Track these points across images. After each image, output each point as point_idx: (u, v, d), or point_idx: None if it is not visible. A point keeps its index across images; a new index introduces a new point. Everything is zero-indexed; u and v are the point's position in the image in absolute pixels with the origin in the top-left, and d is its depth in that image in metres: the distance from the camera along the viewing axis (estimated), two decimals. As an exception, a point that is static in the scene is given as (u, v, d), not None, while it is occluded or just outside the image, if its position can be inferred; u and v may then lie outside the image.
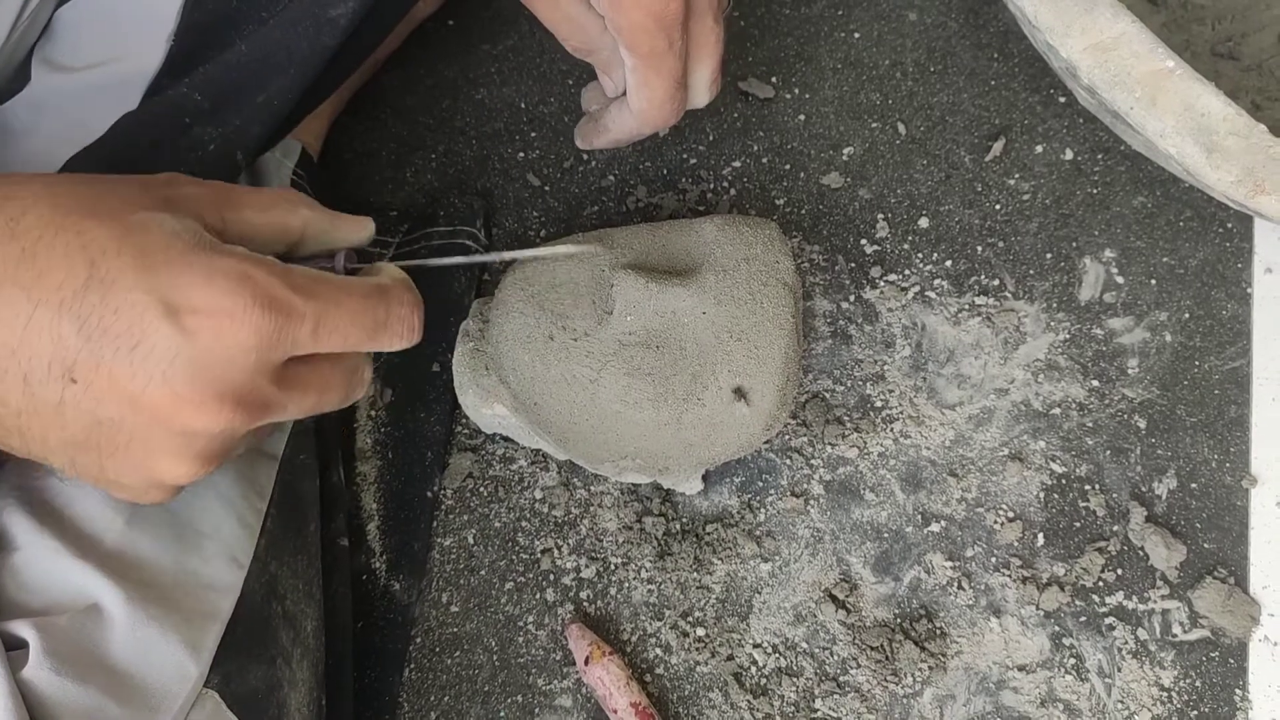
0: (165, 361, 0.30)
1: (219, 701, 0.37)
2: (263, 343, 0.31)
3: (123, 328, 0.30)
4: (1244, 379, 0.53)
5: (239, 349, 0.31)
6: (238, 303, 0.31)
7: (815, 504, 0.52)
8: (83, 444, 0.32)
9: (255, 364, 0.31)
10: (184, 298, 0.30)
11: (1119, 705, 0.48)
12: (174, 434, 0.31)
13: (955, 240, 0.57)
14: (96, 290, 0.30)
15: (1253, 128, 0.41)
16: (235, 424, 0.32)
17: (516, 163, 0.60)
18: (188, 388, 0.31)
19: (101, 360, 0.30)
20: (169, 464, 0.32)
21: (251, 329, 0.31)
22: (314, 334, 0.33)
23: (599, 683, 0.48)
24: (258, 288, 0.31)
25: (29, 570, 0.37)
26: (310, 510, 0.47)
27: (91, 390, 0.30)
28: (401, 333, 0.36)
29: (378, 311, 0.35)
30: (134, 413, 0.31)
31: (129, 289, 0.30)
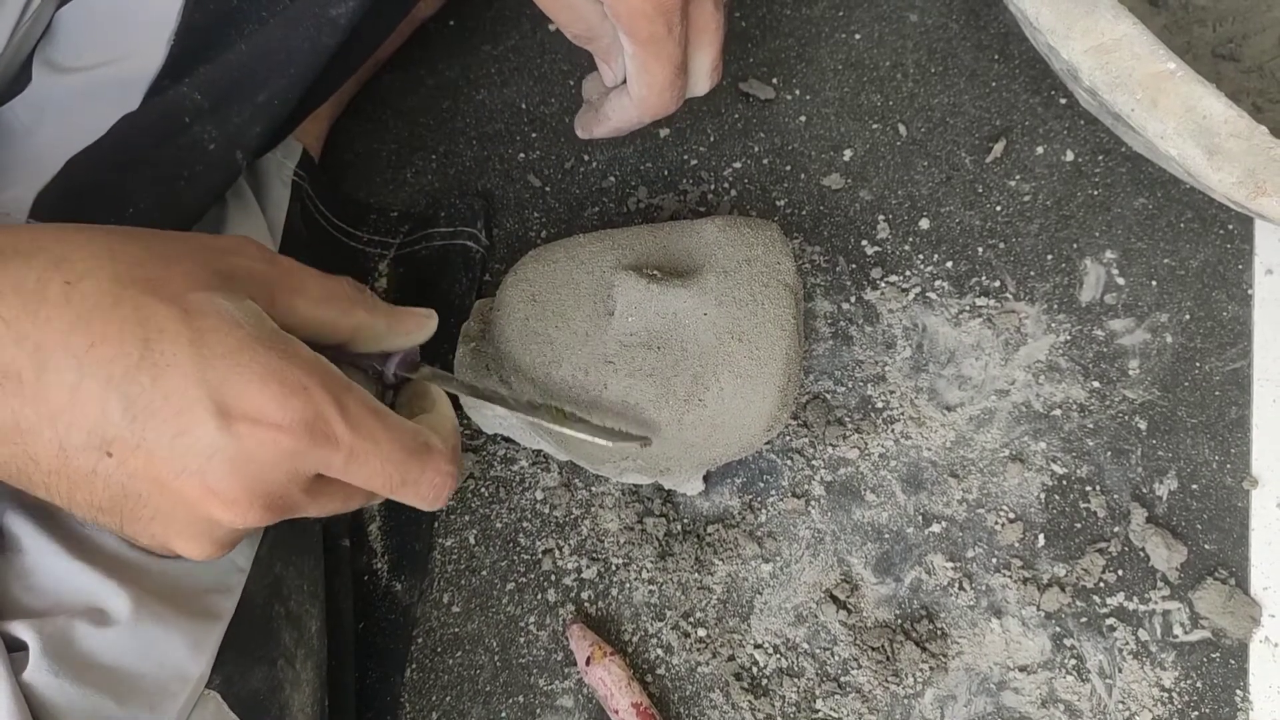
0: (205, 456, 0.30)
1: (220, 702, 0.37)
2: (299, 460, 0.31)
3: (169, 414, 0.30)
4: (1245, 380, 0.54)
5: (279, 458, 0.31)
6: (287, 418, 0.31)
7: (816, 505, 0.52)
8: (106, 510, 0.32)
9: (288, 474, 0.32)
10: (236, 400, 0.30)
11: (1120, 706, 0.48)
12: (198, 521, 0.32)
13: (956, 241, 0.57)
14: (148, 372, 0.30)
15: (1254, 129, 0.41)
16: (258, 522, 0.32)
17: (517, 163, 0.60)
18: (222, 484, 0.31)
19: (142, 442, 0.30)
20: (185, 544, 0.33)
21: (292, 445, 0.31)
22: (345, 465, 0.33)
23: (600, 683, 0.48)
24: (310, 407, 0.31)
25: (32, 571, 0.37)
26: None
27: (126, 467, 0.30)
28: (427, 496, 0.35)
29: (411, 469, 0.34)
30: (163, 494, 0.31)
31: (182, 378, 0.30)
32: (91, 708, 0.34)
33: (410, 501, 0.36)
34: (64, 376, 0.29)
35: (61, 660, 0.34)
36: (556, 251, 0.49)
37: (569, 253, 0.48)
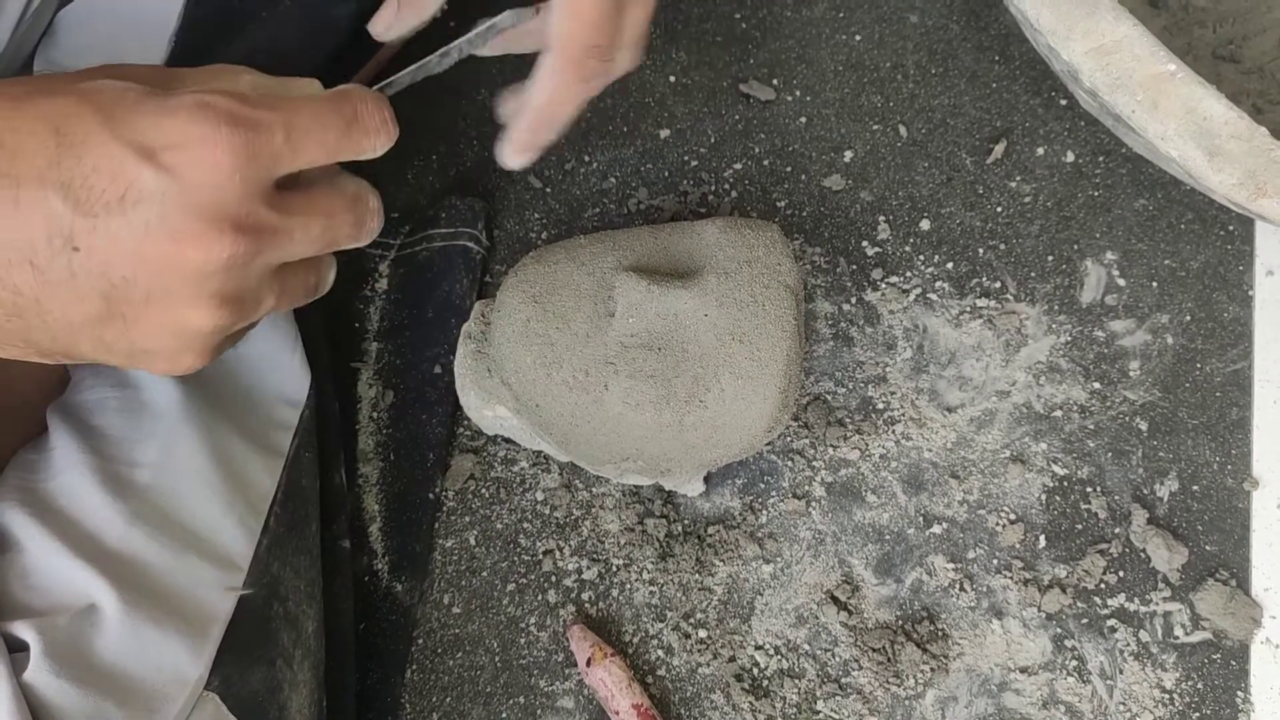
0: (155, 203, 0.30)
1: (219, 704, 0.37)
2: (240, 160, 0.31)
3: (105, 182, 0.30)
4: (1245, 381, 0.54)
5: (220, 172, 0.31)
6: (204, 128, 0.30)
7: (817, 506, 0.52)
8: (105, 317, 0.31)
9: (241, 184, 0.31)
10: (153, 138, 0.30)
11: (1121, 707, 0.48)
12: (186, 278, 0.31)
13: (957, 242, 0.57)
14: (71, 155, 0.30)
15: (1254, 131, 0.41)
16: (240, 250, 0.31)
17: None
18: (183, 223, 0.30)
19: (96, 220, 0.30)
20: (191, 312, 0.32)
21: (225, 148, 0.31)
22: (288, 141, 0.32)
23: (601, 684, 0.47)
24: (218, 110, 0.31)
25: (32, 570, 0.37)
26: (312, 509, 0.47)
27: (96, 253, 0.30)
28: (375, 127, 0.35)
29: (344, 109, 0.34)
30: (141, 265, 0.31)
31: (101, 143, 0.30)
32: (92, 709, 0.34)
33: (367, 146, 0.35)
34: (2, 196, 0.29)
35: (62, 661, 0.34)
36: (557, 252, 0.49)
37: (570, 254, 0.48)
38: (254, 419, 0.45)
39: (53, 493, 0.39)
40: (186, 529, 0.40)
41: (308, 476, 0.47)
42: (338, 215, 0.35)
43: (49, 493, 0.39)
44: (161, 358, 0.33)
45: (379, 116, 0.35)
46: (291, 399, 0.47)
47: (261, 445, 0.45)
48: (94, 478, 0.39)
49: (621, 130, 0.60)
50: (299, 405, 0.47)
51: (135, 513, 0.39)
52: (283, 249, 0.33)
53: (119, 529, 0.38)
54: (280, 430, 0.46)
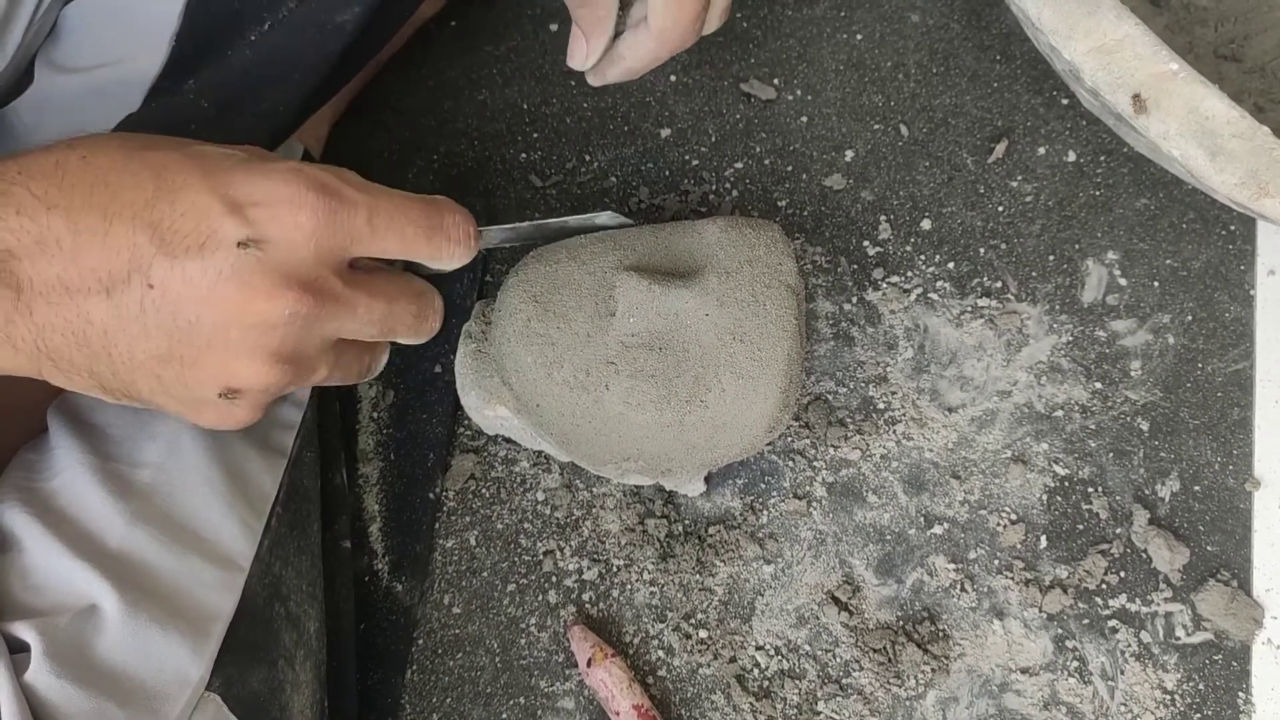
0: (231, 254, 0.32)
1: (220, 704, 0.37)
2: (319, 226, 0.33)
3: (190, 227, 0.32)
4: (1247, 381, 0.53)
5: (299, 233, 0.33)
6: (293, 190, 0.33)
7: (818, 506, 0.52)
8: (166, 355, 0.33)
9: (316, 250, 0.33)
10: (244, 193, 0.32)
11: (1122, 708, 0.48)
12: (246, 329, 0.33)
13: (958, 242, 0.57)
14: (166, 199, 0.32)
15: (1256, 130, 0.41)
16: (302, 310, 0.33)
17: (519, 164, 0.60)
18: (256, 276, 0.32)
19: (175, 261, 0.32)
20: (246, 364, 0.34)
21: (309, 211, 0.33)
22: (370, 224, 0.34)
23: (601, 685, 0.47)
24: (309, 177, 0.33)
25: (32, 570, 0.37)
26: (314, 509, 0.47)
27: (169, 293, 0.32)
28: (459, 238, 0.38)
29: (431, 214, 0.37)
30: (208, 309, 0.32)
31: (194, 192, 0.32)
32: (92, 710, 0.34)
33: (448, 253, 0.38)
34: (94, 227, 0.31)
35: (63, 662, 0.34)
36: (558, 252, 0.49)
37: (570, 253, 0.48)
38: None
39: (54, 492, 0.40)
40: (188, 529, 0.40)
41: (309, 476, 0.47)
42: (400, 302, 0.38)
43: (50, 492, 0.39)
44: (212, 408, 0.35)
45: (464, 230, 0.38)
46: (294, 397, 0.47)
47: (263, 445, 0.45)
48: (95, 477, 0.39)
49: (622, 129, 0.60)
50: (302, 404, 0.47)
51: (136, 513, 0.39)
52: (343, 320, 0.35)
53: (120, 529, 0.38)
54: (283, 430, 0.46)
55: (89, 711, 0.34)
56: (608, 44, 0.43)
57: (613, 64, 0.45)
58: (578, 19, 0.43)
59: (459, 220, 0.38)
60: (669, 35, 0.42)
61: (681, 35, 0.42)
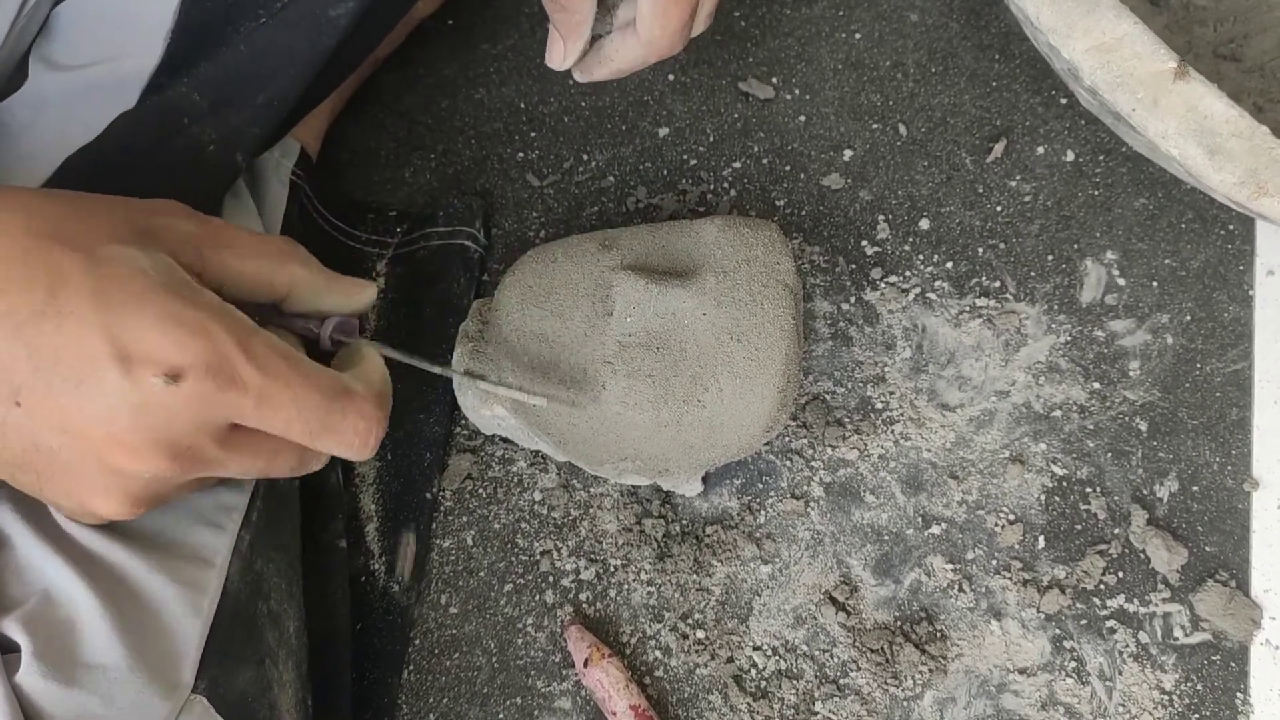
0: (108, 403, 0.31)
1: (207, 706, 0.37)
2: (205, 406, 0.31)
3: (72, 361, 0.30)
4: (1246, 381, 0.53)
5: (181, 405, 0.31)
6: (187, 361, 0.31)
7: (815, 506, 0.52)
8: (21, 465, 0.32)
9: (195, 421, 0.32)
10: (136, 345, 0.30)
11: (1120, 708, 0.48)
12: (106, 472, 0.32)
13: (956, 242, 0.57)
14: (52, 320, 0.30)
15: (1255, 130, 0.41)
16: (167, 473, 0.32)
17: (516, 163, 0.60)
18: (126, 432, 0.31)
19: (50, 390, 0.30)
20: (100, 500, 0.33)
21: (195, 389, 0.31)
22: (257, 409, 0.32)
23: (598, 685, 0.47)
24: (210, 349, 0.31)
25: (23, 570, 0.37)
26: (293, 506, 0.47)
27: (35, 417, 0.31)
28: (351, 443, 0.35)
29: (330, 414, 0.34)
30: (72, 445, 0.31)
31: (82, 325, 0.30)
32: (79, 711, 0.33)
33: (336, 451, 0.35)
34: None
35: (51, 662, 0.34)
36: (555, 251, 0.48)
37: (567, 252, 0.48)
38: None
39: None
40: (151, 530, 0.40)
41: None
42: (281, 459, 0.35)
43: None
44: (66, 512, 0.35)
45: (363, 437, 0.35)
46: None
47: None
48: None
49: (620, 129, 0.60)
50: None
51: None
52: (212, 473, 0.34)
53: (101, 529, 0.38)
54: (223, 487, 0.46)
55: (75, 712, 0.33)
56: (585, 47, 0.44)
57: (600, 64, 0.46)
58: (555, 22, 0.43)
59: (361, 426, 0.35)
60: (657, 43, 0.42)
61: (669, 42, 0.43)
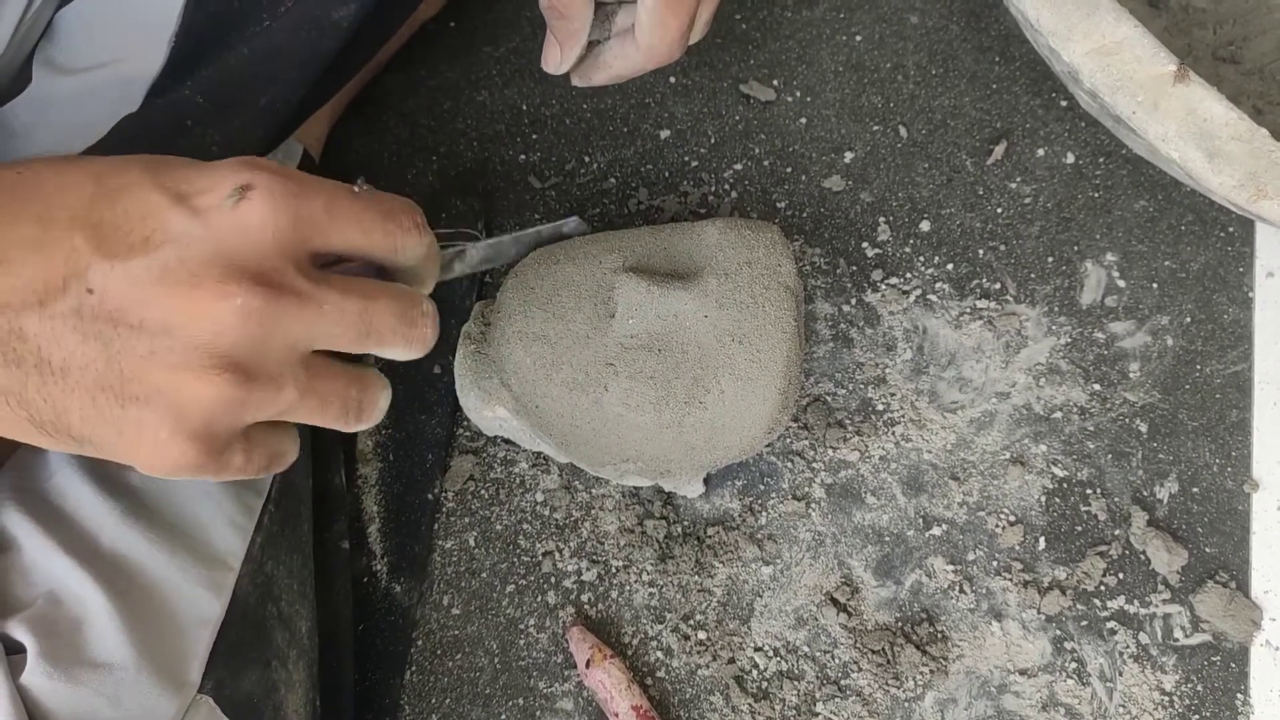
0: (179, 245, 0.29)
1: (213, 706, 0.37)
2: (277, 212, 0.29)
3: (133, 224, 0.29)
4: (1245, 383, 0.53)
5: (253, 218, 0.29)
6: (246, 175, 0.29)
7: (816, 507, 0.52)
8: (103, 373, 0.29)
9: (274, 240, 0.29)
10: (191, 185, 0.29)
11: (1120, 709, 0.48)
12: (195, 331, 0.29)
13: (957, 244, 0.57)
14: (105, 199, 0.29)
15: (1255, 132, 0.41)
16: (257, 303, 0.29)
17: (518, 165, 0.60)
18: (203, 266, 0.29)
19: (115, 261, 0.28)
20: (192, 377, 0.29)
21: (264, 194, 0.29)
22: (328, 212, 0.30)
23: (600, 686, 0.47)
24: (261, 165, 0.30)
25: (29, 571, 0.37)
26: (305, 508, 0.47)
27: (109, 296, 0.28)
28: (410, 226, 0.33)
29: (381, 202, 0.32)
30: (151, 311, 0.29)
31: (138, 190, 0.29)
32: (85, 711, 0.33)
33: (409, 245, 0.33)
34: (27, 236, 0.29)
35: (57, 662, 0.34)
36: (557, 253, 0.49)
37: (569, 254, 0.48)
38: None
39: (49, 493, 0.39)
40: (177, 528, 0.40)
41: (301, 475, 0.47)
42: (379, 301, 0.32)
43: (45, 493, 0.39)
44: (149, 435, 0.30)
45: (413, 217, 0.34)
46: None
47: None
48: (88, 478, 0.39)
49: (622, 131, 0.60)
50: None
51: (127, 511, 0.39)
52: (310, 321, 0.30)
53: (111, 528, 0.38)
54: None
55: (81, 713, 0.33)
56: (580, 52, 0.44)
57: (598, 70, 0.46)
58: (552, 28, 0.43)
59: (407, 206, 0.34)
60: (655, 51, 0.43)
61: (668, 50, 0.43)
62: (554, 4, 0.42)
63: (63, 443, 0.30)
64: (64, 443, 0.30)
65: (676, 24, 0.42)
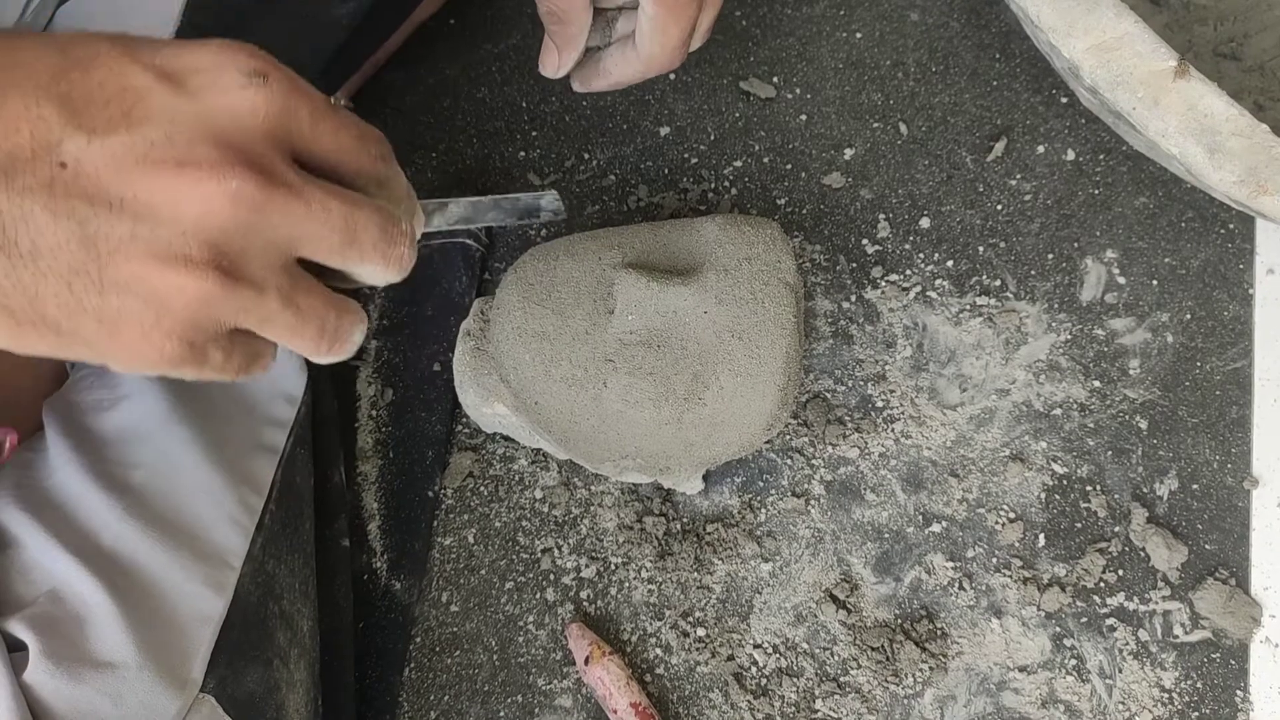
0: (165, 122, 0.27)
1: (215, 705, 0.37)
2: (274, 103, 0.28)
3: (112, 94, 0.26)
4: (1245, 380, 0.53)
5: (245, 103, 0.27)
6: (231, 57, 0.28)
7: (816, 504, 0.52)
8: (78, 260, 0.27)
9: (265, 124, 0.28)
10: (174, 63, 0.27)
11: (1120, 706, 0.48)
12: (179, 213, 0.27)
13: (957, 240, 0.57)
14: (77, 69, 0.27)
15: (1255, 128, 0.41)
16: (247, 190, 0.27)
17: (517, 162, 0.60)
18: (192, 146, 0.27)
19: (93, 136, 0.26)
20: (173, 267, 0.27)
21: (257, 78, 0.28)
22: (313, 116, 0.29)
23: (599, 682, 0.47)
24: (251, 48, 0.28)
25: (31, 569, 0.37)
26: (306, 507, 0.47)
27: (85, 172, 0.26)
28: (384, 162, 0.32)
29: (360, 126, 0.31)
30: (133, 188, 0.26)
31: (113, 60, 0.27)
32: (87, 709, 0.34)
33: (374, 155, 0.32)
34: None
35: (59, 660, 0.34)
36: (556, 249, 0.49)
37: (569, 251, 0.48)
38: (250, 416, 0.45)
39: (50, 491, 0.40)
40: (179, 528, 0.40)
41: (302, 474, 0.47)
42: (363, 210, 0.30)
43: (46, 491, 0.39)
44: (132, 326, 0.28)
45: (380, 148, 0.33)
46: (289, 395, 0.47)
47: (256, 443, 0.45)
48: (89, 477, 0.39)
49: (621, 128, 0.60)
50: (295, 401, 0.47)
51: (128, 509, 0.39)
52: (296, 219, 0.28)
53: (112, 526, 0.38)
54: (276, 427, 0.46)
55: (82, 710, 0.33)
56: (578, 57, 0.44)
57: (599, 76, 0.46)
58: (550, 33, 0.43)
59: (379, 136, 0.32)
60: (655, 59, 0.43)
61: (668, 58, 0.43)
62: (552, 9, 0.42)
63: (42, 335, 0.28)
64: (43, 334, 0.28)
65: (677, 31, 0.42)
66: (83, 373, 0.44)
